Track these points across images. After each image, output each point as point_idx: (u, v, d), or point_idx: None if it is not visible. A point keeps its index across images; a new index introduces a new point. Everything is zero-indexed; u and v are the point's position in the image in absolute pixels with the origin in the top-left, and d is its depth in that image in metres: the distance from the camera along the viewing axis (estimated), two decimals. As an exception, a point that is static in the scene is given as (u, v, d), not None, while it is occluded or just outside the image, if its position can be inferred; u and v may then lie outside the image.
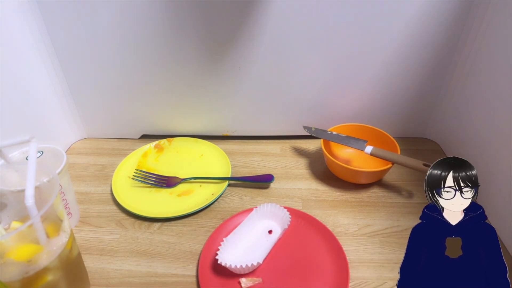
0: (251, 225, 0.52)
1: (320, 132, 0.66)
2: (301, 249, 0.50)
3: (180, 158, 0.69)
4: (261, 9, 0.58)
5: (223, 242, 0.48)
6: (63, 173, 0.50)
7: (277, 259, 0.49)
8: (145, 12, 0.58)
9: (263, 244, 0.50)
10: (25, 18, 0.58)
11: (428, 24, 0.59)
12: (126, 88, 0.68)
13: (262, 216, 0.53)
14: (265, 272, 0.47)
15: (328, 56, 0.63)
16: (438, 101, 0.69)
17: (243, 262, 0.45)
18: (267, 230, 0.52)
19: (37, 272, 0.35)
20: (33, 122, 0.64)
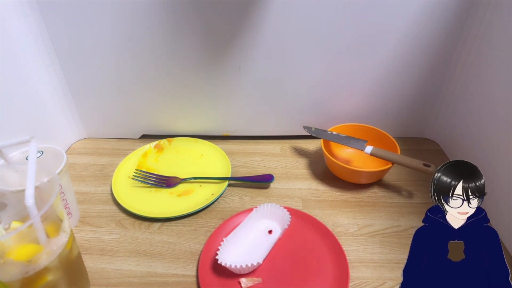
0: (251, 225, 0.52)
1: (320, 132, 0.66)
2: (301, 249, 0.50)
3: (180, 158, 0.69)
4: (261, 9, 0.58)
5: (223, 242, 0.48)
6: (63, 173, 0.50)
7: (277, 259, 0.49)
8: (145, 11, 0.58)
9: (263, 244, 0.50)
10: (25, 18, 0.58)
11: (428, 24, 0.59)
12: (126, 88, 0.68)
13: (262, 216, 0.53)
14: (265, 272, 0.47)
15: (328, 56, 0.63)
16: (438, 101, 0.69)
17: (243, 262, 0.45)
18: (267, 230, 0.52)
19: (37, 272, 0.35)
20: (33, 122, 0.64)
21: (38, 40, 0.61)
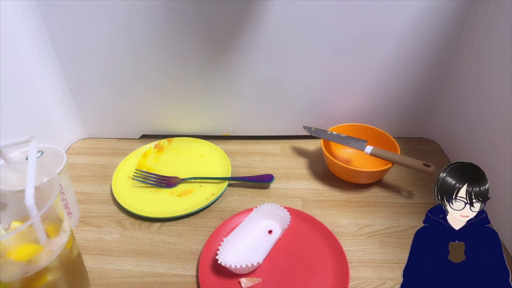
0: (251, 225, 0.52)
1: (320, 132, 0.66)
2: (301, 249, 0.50)
3: (180, 158, 0.69)
4: (261, 9, 0.58)
5: (223, 242, 0.48)
6: (63, 173, 0.50)
7: (277, 259, 0.49)
8: (145, 11, 0.58)
9: (263, 244, 0.50)
10: (25, 18, 0.58)
11: (428, 24, 0.59)
12: (126, 88, 0.68)
13: (262, 216, 0.53)
14: (265, 272, 0.47)
15: (328, 56, 0.63)
16: (438, 101, 0.69)
17: (243, 262, 0.45)
18: (267, 230, 0.52)
19: (37, 272, 0.35)
20: (33, 122, 0.64)
21: (38, 40, 0.61)
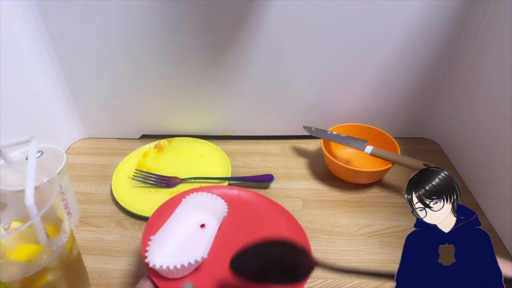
0: (178, 221, 0.44)
1: (320, 132, 0.66)
2: (252, 225, 0.45)
3: (180, 158, 0.69)
4: (261, 9, 0.58)
5: (151, 241, 0.40)
6: (63, 173, 0.50)
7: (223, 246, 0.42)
8: (145, 12, 0.58)
9: (198, 240, 0.42)
10: (25, 18, 0.58)
11: (428, 24, 0.59)
12: (126, 88, 0.68)
13: (191, 209, 0.46)
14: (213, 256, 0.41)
15: (328, 56, 0.63)
16: (438, 101, 0.69)
17: (176, 262, 0.37)
18: (198, 225, 0.44)
19: (37, 272, 0.35)
20: (33, 122, 0.64)
21: (38, 40, 0.61)
